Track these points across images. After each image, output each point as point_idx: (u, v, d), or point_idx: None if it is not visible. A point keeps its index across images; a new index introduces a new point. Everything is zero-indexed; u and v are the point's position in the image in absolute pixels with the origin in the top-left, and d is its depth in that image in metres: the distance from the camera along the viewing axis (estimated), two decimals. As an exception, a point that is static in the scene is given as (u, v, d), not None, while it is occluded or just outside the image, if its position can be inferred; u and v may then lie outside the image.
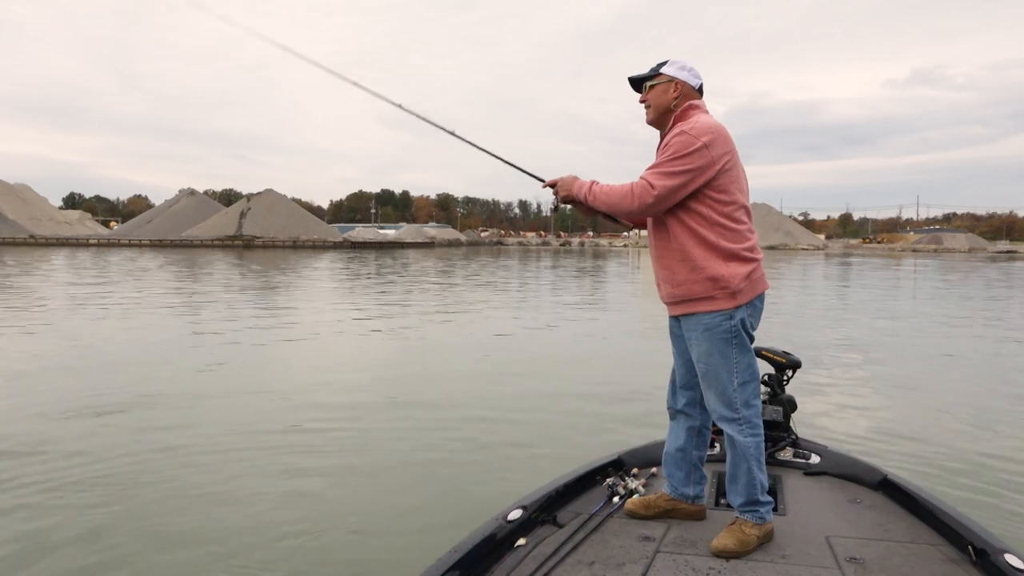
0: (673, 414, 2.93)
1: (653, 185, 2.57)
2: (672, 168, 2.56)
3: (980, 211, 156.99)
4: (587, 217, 2.93)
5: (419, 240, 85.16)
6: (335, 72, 3.34)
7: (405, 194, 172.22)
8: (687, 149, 2.55)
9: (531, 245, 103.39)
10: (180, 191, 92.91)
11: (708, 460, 3.02)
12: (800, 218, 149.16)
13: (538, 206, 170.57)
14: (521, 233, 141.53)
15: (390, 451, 5.24)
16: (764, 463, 2.69)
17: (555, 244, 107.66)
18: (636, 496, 2.96)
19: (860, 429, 5.86)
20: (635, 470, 3.25)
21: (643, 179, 2.62)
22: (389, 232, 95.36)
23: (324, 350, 10.08)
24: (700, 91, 2.77)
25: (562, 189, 2.81)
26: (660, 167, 2.59)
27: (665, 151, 2.61)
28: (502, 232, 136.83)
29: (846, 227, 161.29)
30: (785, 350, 3.69)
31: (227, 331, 11.31)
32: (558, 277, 29.13)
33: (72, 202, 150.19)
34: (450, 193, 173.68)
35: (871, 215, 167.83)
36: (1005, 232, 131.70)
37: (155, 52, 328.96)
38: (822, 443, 3.58)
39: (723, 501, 2.96)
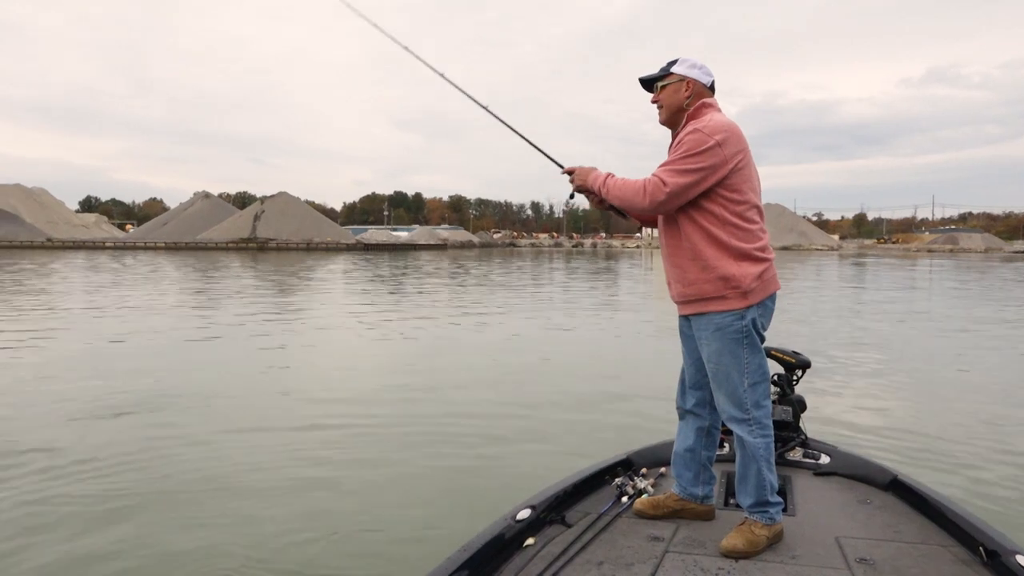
0: (682, 414, 2.93)
1: (665, 182, 2.56)
2: (685, 165, 2.54)
3: (996, 211, 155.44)
4: (598, 209, 2.93)
5: (432, 242, 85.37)
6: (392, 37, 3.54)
7: (418, 196, 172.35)
8: (700, 147, 2.53)
9: (544, 247, 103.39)
10: (195, 194, 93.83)
11: (717, 460, 3.02)
12: (814, 218, 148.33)
13: (550, 208, 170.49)
14: (533, 235, 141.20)
15: (402, 449, 5.28)
16: (774, 463, 2.68)
17: (567, 245, 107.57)
18: (645, 496, 2.95)
19: (870, 430, 5.82)
20: (644, 470, 3.25)
21: (656, 176, 2.59)
22: (402, 234, 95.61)
23: (339, 350, 10.14)
24: (712, 88, 2.75)
25: (578, 178, 2.82)
26: (673, 164, 2.57)
27: (678, 149, 2.59)
28: (514, 234, 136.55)
29: (861, 227, 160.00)
30: (795, 350, 3.68)
31: (241, 334, 11.40)
32: (570, 279, 29.10)
33: (88, 205, 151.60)
34: (462, 195, 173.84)
35: (886, 215, 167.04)
36: (1022, 232, 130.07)
37: (169, 56, 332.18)
38: (832, 443, 3.57)
39: (732, 501, 2.95)
